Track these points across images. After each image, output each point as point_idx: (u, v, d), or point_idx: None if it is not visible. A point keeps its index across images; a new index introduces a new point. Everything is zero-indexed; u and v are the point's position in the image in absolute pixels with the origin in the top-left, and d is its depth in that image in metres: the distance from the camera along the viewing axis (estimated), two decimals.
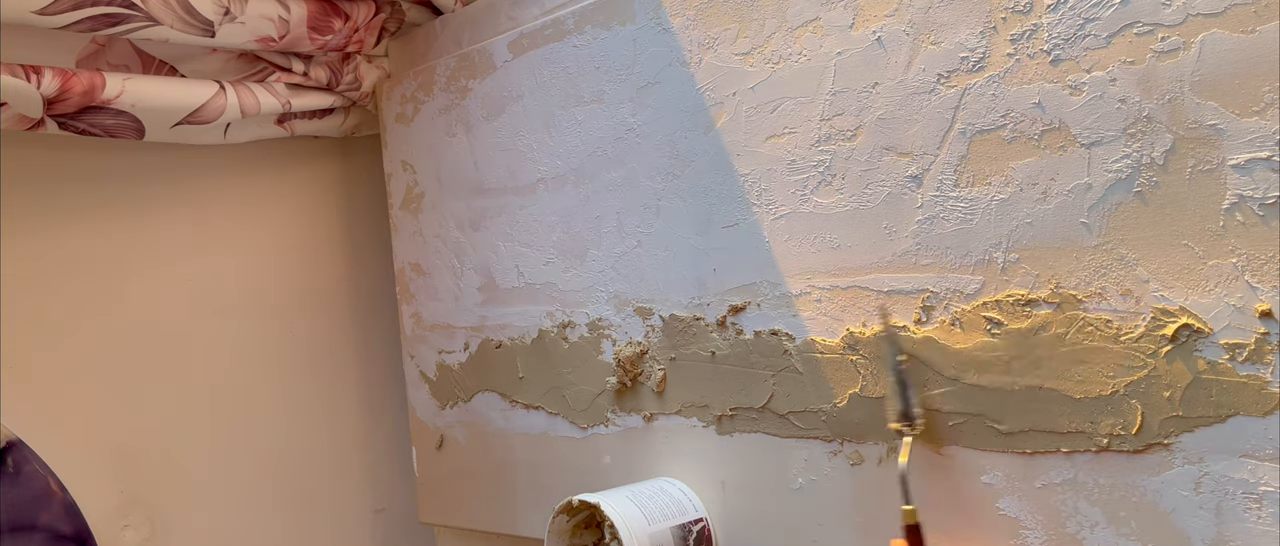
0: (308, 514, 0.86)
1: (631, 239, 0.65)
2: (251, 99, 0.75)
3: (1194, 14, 0.43)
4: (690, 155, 0.62)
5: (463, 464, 0.79)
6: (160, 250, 0.79)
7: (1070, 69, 0.46)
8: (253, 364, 0.83)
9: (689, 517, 0.59)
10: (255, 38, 0.72)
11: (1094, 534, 0.47)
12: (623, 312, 0.66)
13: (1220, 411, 0.43)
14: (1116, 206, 0.46)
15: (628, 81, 0.65)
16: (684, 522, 0.58)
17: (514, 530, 0.75)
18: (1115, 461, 0.46)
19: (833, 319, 0.56)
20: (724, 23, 0.60)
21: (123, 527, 0.75)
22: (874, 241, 0.54)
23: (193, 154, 0.81)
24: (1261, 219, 0.42)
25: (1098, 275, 0.46)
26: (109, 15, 0.64)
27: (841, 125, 0.55)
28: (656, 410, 0.65)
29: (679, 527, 0.58)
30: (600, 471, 0.69)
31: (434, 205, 0.80)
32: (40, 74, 0.64)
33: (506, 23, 0.73)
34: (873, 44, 0.53)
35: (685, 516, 0.59)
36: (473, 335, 0.77)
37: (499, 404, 0.76)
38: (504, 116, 0.73)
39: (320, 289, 0.89)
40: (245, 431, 0.82)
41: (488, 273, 0.76)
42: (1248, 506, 0.43)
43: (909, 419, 0.52)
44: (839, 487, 0.56)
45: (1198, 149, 0.43)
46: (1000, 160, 0.49)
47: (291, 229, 0.87)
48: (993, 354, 0.50)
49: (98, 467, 0.74)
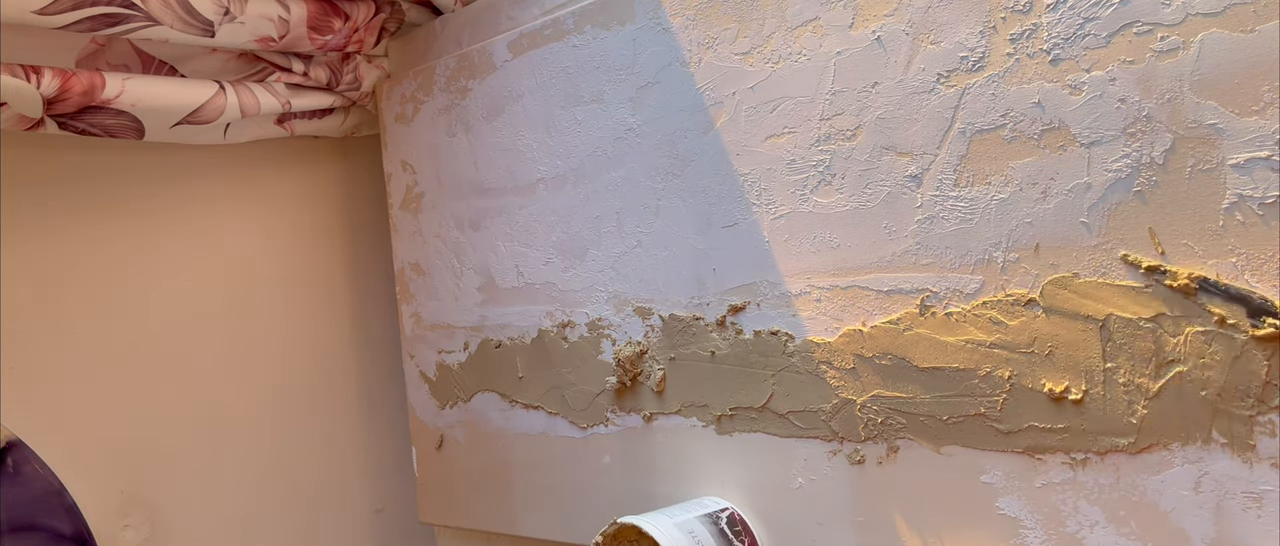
0: (308, 514, 0.86)
1: (631, 239, 0.65)
2: (251, 99, 0.75)
3: (1193, 13, 0.43)
4: (690, 155, 0.62)
5: (463, 464, 0.79)
6: (160, 250, 0.79)
7: (1070, 69, 0.46)
8: (252, 363, 0.83)
9: (716, 508, 0.59)
10: (255, 38, 0.72)
11: (1094, 533, 0.47)
12: (622, 312, 0.66)
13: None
14: (1116, 206, 0.46)
15: (627, 81, 0.65)
16: (711, 512, 0.59)
17: (514, 530, 0.75)
18: (1115, 461, 0.46)
19: (833, 318, 0.56)
20: (724, 22, 0.60)
21: (123, 527, 0.75)
22: (874, 241, 0.54)
23: (193, 154, 0.81)
24: (1261, 218, 0.42)
25: (1098, 275, 0.46)
26: (109, 15, 0.64)
27: (841, 125, 0.55)
28: (656, 410, 0.65)
29: (706, 516, 0.58)
30: (600, 471, 0.69)
31: (434, 205, 0.80)
32: (40, 74, 0.64)
33: (506, 23, 0.73)
34: (872, 43, 0.53)
35: (710, 508, 0.59)
36: (472, 335, 0.77)
37: (499, 404, 0.76)
38: (504, 116, 0.73)
39: (320, 289, 0.89)
40: (245, 431, 0.83)
41: (488, 272, 0.76)
42: (1247, 506, 0.43)
43: None
44: (839, 487, 0.56)
45: (1197, 148, 0.43)
46: (1000, 160, 0.49)
47: (291, 229, 0.87)
48: (993, 352, 0.50)
49: (98, 467, 0.74)
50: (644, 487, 0.66)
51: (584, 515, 0.70)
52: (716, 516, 0.59)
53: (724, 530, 0.58)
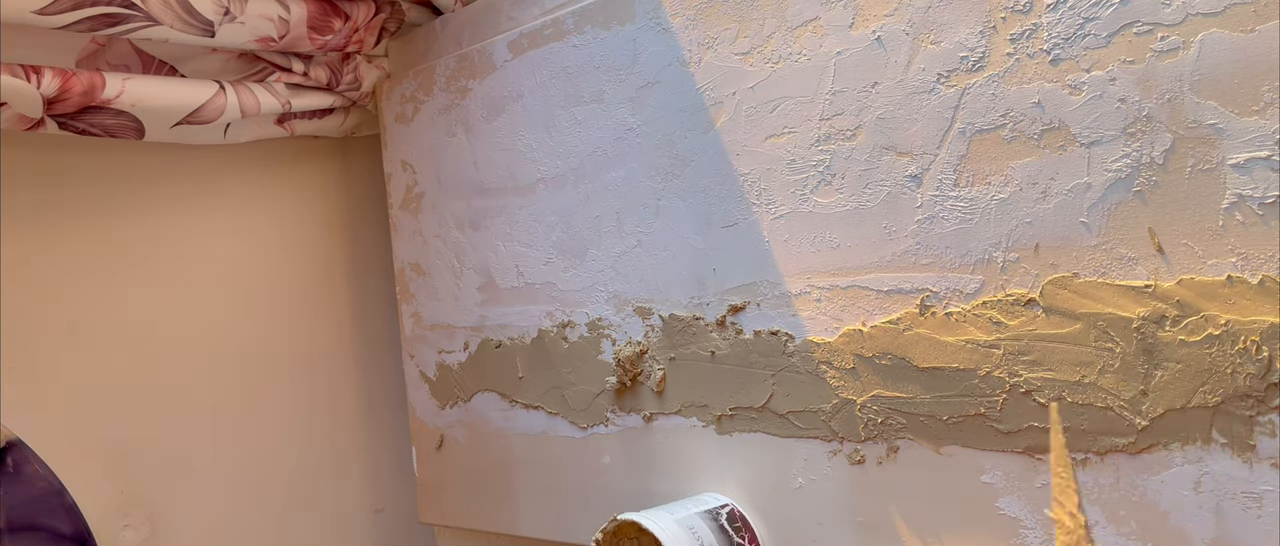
0: (308, 514, 0.86)
1: (631, 239, 0.65)
2: (251, 99, 0.75)
3: (1193, 13, 0.43)
4: (690, 155, 0.62)
5: (463, 464, 0.79)
6: (160, 250, 0.79)
7: (1070, 68, 0.46)
8: (252, 364, 0.83)
9: (716, 504, 0.59)
10: (255, 38, 0.72)
11: (1094, 533, 0.47)
12: (622, 312, 0.66)
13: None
14: (1116, 206, 0.46)
15: (627, 81, 0.65)
16: (711, 508, 0.59)
17: (514, 530, 0.75)
18: (1115, 461, 0.46)
19: (832, 318, 0.56)
20: (724, 22, 0.60)
21: (123, 527, 0.75)
22: (873, 241, 0.54)
23: (193, 154, 0.81)
24: (1261, 218, 0.42)
25: (1098, 274, 0.46)
26: (109, 15, 0.64)
27: (841, 125, 0.55)
28: (656, 410, 0.65)
29: (706, 513, 0.58)
30: (600, 471, 0.69)
31: (434, 205, 0.80)
32: (40, 74, 0.64)
33: (506, 23, 0.73)
34: (872, 43, 0.53)
35: (710, 504, 0.59)
36: (472, 335, 0.77)
37: (499, 404, 0.76)
38: (504, 116, 0.73)
39: (320, 289, 0.89)
40: (245, 431, 0.83)
41: (487, 272, 0.76)
42: (1247, 506, 0.43)
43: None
44: (839, 487, 0.56)
45: (1197, 148, 0.43)
46: (1000, 160, 0.49)
47: (291, 229, 0.87)
48: (992, 352, 0.50)
49: (98, 467, 0.74)
50: (644, 487, 0.66)
51: (584, 515, 0.70)
52: (717, 512, 0.59)
53: (724, 526, 0.58)
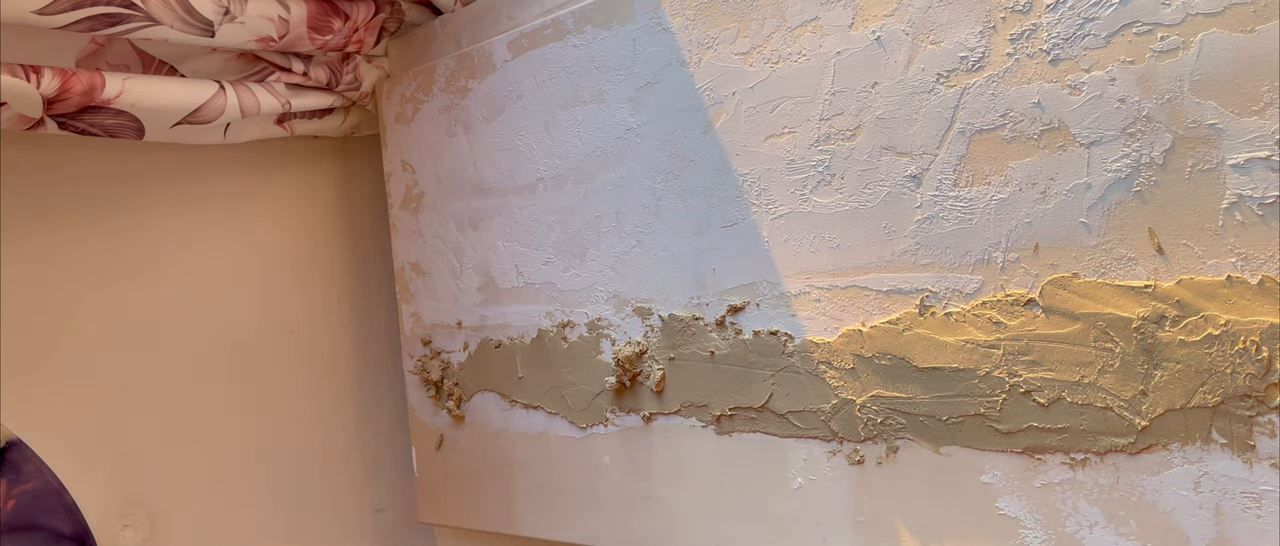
0: (307, 514, 0.86)
1: (631, 239, 0.65)
2: (251, 99, 0.75)
3: (1193, 13, 0.43)
4: (689, 155, 0.62)
5: (462, 464, 0.79)
6: (160, 250, 0.79)
7: (1069, 69, 0.46)
8: (252, 364, 0.83)
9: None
10: (255, 38, 0.72)
11: (1094, 534, 0.47)
12: (622, 312, 0.66)
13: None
14: (1116, 206, 0.46)
15: (627, 81, 0.65)
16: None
17: (514, 529, 0.75)
18: (1115, 461, 0.46)
19: (832, 318, 0.56)
20: (723, 22, 0.60)
21: (123, 527, 0.75)
22: (873, 241, 0.54)
23: (193, 154, 0.81)
24: (1261, 218, 0.42)
25: (1097, 275, 0.46)
26: (109, 15, 0.64)
27: (841, 125, 0.55)
28: (656, 410, 0.65)
29: None
30: (599, 471, 0.69)
31: (434, 205, 0.80)
32: (40, 74, 0.64)
33: (506, 23, 0.73)
34: (872, 44, 0.53)
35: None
36: (472, 335, 0.77)
37: (498, 403, 0.76)
38: (503, 116, 0.73)
39: (320, 289, 0.89)
40: (245, 431, 0.83)
41: (487, 272, 0.76)
42: (1247, 506, 0.43)
43: None
44: (838, 487, 0.56)
45: (1197, 148, 0.43)
46: (999, 160, 0.49)
47: (291, 229, 0.87)
48: (992, 352, 0.50)
49: (98, 467, 0.74)
50: (643, 487, 0.66)
51: (583, 515, 0.70)
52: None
53: None
